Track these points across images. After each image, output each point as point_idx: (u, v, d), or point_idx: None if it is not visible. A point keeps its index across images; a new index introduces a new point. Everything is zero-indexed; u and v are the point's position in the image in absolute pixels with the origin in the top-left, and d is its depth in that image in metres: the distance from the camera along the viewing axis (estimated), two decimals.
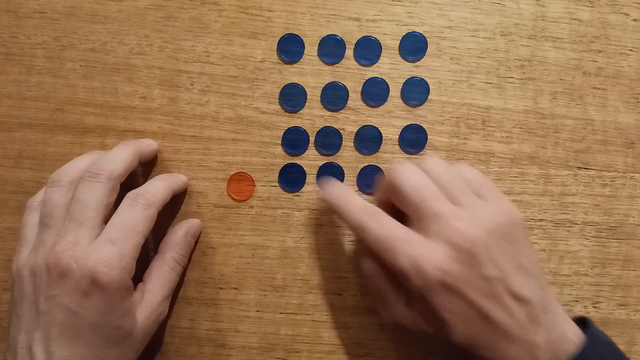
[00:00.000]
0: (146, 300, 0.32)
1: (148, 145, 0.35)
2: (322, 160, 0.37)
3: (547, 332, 0.28)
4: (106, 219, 0.31)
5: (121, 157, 0.32)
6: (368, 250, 0.31)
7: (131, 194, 0.31)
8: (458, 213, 0.29)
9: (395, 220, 0.30)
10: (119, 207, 0.31)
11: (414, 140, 0.37)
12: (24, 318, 0.29)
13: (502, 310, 0.28)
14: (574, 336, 0.29)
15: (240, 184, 0.37)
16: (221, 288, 0.37)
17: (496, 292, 0.28)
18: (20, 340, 0.29)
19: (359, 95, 0.37)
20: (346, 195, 0.32)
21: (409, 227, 0.30)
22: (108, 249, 0.29)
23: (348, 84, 0.37)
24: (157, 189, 0.33)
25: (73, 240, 0.29)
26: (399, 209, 0.31)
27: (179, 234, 0.35)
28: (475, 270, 0.28)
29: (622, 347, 0.37)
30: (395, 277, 0.30)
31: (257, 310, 0.37)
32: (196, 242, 0.37)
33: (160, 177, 0.35)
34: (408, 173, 0.30)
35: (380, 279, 0.31)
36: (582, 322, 0.32)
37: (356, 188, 0.37)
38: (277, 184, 0.37)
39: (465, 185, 0.30)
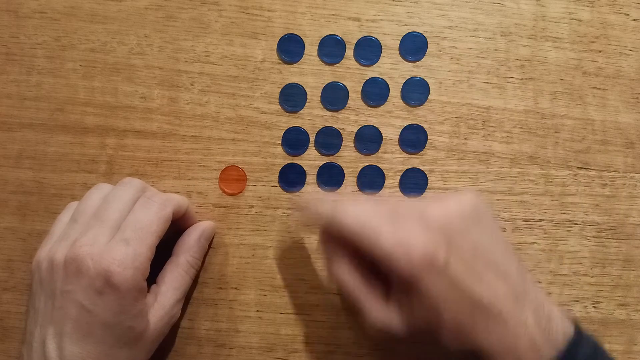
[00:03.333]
0: (159, 303, 0.32)
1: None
2: (322, 160, 0.37)
3: (535, 308, 0.28)
4: None
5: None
6: (334, 251, 0.30)
7: (143, 197, 0.32)
8: (426, 203, 0.29)
9: (369, 206, 0.29)
10: (135, 206, 0.31)
11: (414, 140, 0.37)
12: (40, 312, 0.30)
13: (487, 288, 0.27)
14: (560, 313, 0.28)
15: (231, 178, 0.37)
16: (221, 288, 0.37)
17: (477, 269, 0.27)
18: (35, 334, 0.29)
19: (359, 95, 0.37)
20: (315, 198, 0.32)
21: None
22: (122, 249, 0.29)
23: (348, 84, 0.37)
24: (173, 194, 0.33)
25: (93, 238, 0.30)
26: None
27: (193, 237, 0.35)
28: (456, 247, 0.27)
29: (622, 347, 0.37)
30: (368, 275, 0.29)
31: (257, 310, 0.37)
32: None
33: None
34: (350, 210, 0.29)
35: (356, 279, 0.30)
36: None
37: (356, 188, 0.37)
38: (277, 184, 0.37)
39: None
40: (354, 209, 0.29)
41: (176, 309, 0.33)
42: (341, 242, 0.30)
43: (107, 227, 0.30)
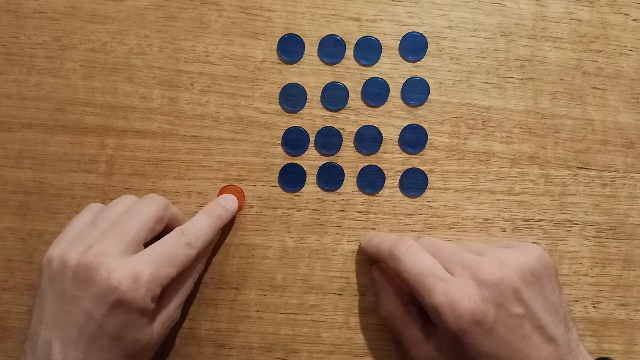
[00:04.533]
0: (163, 308, 0.32)
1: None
2: (322, 160, 0.37)
3: None
4: (145, 243, 0.31)
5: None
6: (386, 282, 0.32)
7: (178, 230, 0.32)
8: (483, 258, 0.29)
9: (429, 254, 0.30)
10: (164, 237, 0.32)
11: (414, 140, 0.37)
12: (47, 311, 0.29)
13: (531, 349, 0.28)
14: None
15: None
16: (221, 288, 0.37)
17: (525, 331, 0.28)
18: (41, 334, 0.29)
19: (359, 95, 0.37)
20: (376, 233, 0.33)
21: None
22: (142, 267, 0.29)
23: (348, 84, 0.37)
24: (204, 229, 0.33)
25: (109, 247, 0.29)
26: None
27: None
28: (504, 309, 0.28)
29: (622, 347, 0.37)
30: (415, 315, 0.31)
31: (257, 310, 0.37)
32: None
33: (209, 213, 0.34)
34: (420, 240, 0.32)
35: (403, 317, 0.32)
36: None
37: (356, 188, 0.37)
38: (277, 184, 0.37)
39: (486, 243, 0.32)
40: (414, 256, 0.30)
41: (178, 312, 0.33)
42: (394, 275, 0.32)
43: (123, 239, 0.30)
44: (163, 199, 0.33)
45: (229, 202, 0.35)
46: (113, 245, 0.30)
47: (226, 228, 0.37)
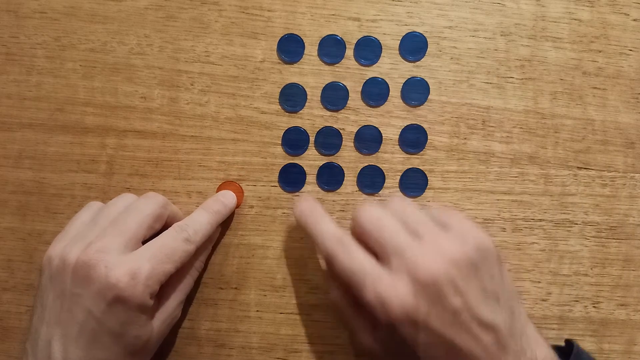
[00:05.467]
0: (163, 306, 0.32)
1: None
2: (322, 160, 0.37)
3: (517, 358, 0.28)
4: (144, 240, 0.31)
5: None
6: (334, 277, 0.31)
7: (177, 225, 0.32)
8: (419, 247, 0.28)
9: (364, 252, 0.30)
10: (163, 233, 0.32)
11: (414, 140, 0.37)
12: (48, 310, 0.29)
13: (468, 339, 0.27)
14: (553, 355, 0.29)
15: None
16: (221, 288, 0.37)
17: (462, 321, 0.27)
18: (41, 333, 0.29)
19: (359, 95, 0.37)
20: (319, 219, 0.31)
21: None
22: (140, 264, 0.29)
23: (348, 84, 0.37)
24: (202, 224, 0.33)
25: (108, 245, 0.30)
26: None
27: None
28: (439, 303, 0.27)
29: (622, 347, 0.37)
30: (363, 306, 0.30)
31: (257, 310, 0.37)
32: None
33: (208, 209, 0.34)
34: (370, 211, 0.30)
35: (348, 307, 0.31)
36: (569, 346, 0.32)
37: (356, 188, 0.37)
38: (277, 184, 0.37)
39: (428, 218, 0.30)
40: (346, 253, 0.29)
41: (178, 310, 0.33)
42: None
43: (123, 237, 0.30)
44: (162, 197, 0.33)
45: (228, 198, 0.35)
46: (112, 243, 0.30)
47: (225, 227, 0.37)
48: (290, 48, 0.37)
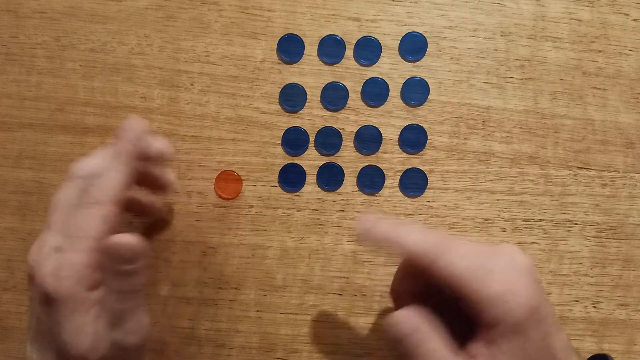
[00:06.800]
0: (100, 298, 0.26)
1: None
2: (322, 160, 0.37)
3: None
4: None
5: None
6: (409, 291, 0.28)
7: (90, 189, 0.26)
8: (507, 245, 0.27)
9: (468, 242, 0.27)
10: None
11: (414, 140, 0.37)
12: (29, 312, 0.29)
13: (559, 339, 0.26)
14: None
15: (227, 182, 0.37)
16: (221, 288, 0.37)
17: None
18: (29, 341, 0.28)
19: (359, 95, 0.37)
20: (401, 225, 0.28)
21: None
22: (54, 258, 0.25)
23: (348, 84, 0.37)
24: (111, 180, 0.27)
25: (39, 243, 0.27)
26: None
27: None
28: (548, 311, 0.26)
29: (622, 347, 0.37)
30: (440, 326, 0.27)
31: (257, 310, 0.37)
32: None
33: (118, 156, 0.27)
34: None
35: (426, 323, 0.27)
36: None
37: (356, 188, 0.37)
38: (277, 184, 0.37)
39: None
40: (460, 249, 0.26)
41: (125, 304, 0.27)
42: (421, 281, 0.28)
43: (51, 231, 0.26)
44: (85, 173, 0.27)
45: (130, 125, 0.28)
46: (43, 241, 0.26)
47: (226, 228, 0.37)
48: (290, 48, 0.37)
